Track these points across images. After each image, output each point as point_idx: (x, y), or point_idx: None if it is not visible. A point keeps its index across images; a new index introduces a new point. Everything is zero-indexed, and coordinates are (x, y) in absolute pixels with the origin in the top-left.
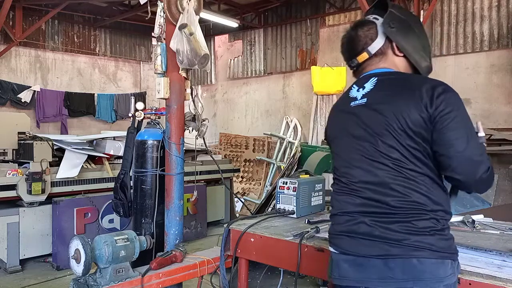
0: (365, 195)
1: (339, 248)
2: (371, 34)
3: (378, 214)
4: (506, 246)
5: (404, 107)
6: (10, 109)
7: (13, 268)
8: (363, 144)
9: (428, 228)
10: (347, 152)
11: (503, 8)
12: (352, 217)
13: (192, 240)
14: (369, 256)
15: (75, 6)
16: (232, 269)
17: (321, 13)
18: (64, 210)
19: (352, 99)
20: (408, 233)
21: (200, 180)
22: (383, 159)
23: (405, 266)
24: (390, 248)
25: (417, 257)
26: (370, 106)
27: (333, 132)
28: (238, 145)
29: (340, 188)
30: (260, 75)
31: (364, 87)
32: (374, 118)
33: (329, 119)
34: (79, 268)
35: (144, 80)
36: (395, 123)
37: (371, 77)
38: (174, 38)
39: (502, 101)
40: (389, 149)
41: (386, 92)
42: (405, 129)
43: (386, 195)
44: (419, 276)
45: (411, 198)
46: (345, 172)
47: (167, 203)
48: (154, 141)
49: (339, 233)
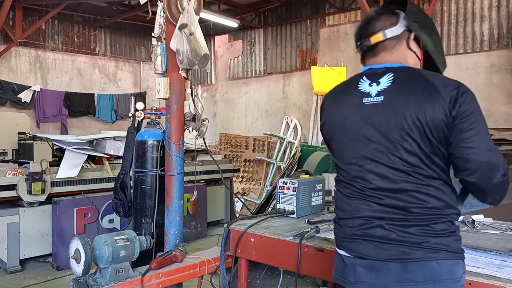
0: (384, 202)
1: (354, 252)
2: (392, 20)
3: (396, 219)
4: (506, 246)
5: (425, 110)
6: (10, 109)
7: (13, 268)
8: (380, 148)
9: (444, 231)
10: (358, 155)
11: (503, 8)
12: (368, 221)
13: (192, 240)
14: (387, 260)
15: (75, 6)
16: (232, 269)
17: (321, 13)
18: (64, 210)
19: (365, 94)
20: (426, 235)
21: (200, 180)
22: (401, 165)
23: (425, 268)
24: (410, 251)
25: (436, 259)
26: (387, 106)
27: (339, 129)
28: (238, 145)
29: (353, 193)
30: (260, 75)
31: (379, 83)
32: (392, 121)
33: (329, 112)
34: (79, 268)
35: (144, 80)
36: (416, 128)
37: (387, 71)
38: (174, 38)
39: (502, 101)
40: (407, 155)
41: (405, 92)
42: (427, 134)
43: (407, 202)
44: (439, 278)
45: (430, 204)
46: (358, 177)
47: (167, 203)
48: (154, 141)
49: (353, 236)
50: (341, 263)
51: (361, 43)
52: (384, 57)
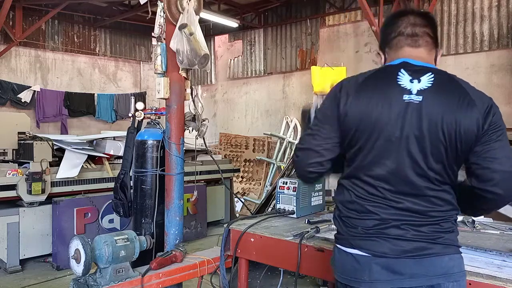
0: (402, 205)
1: (369, 251)
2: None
3: (412, 221)
4: (506, 246)
5: (461, 120)
6: (10, 109)
7: (13, 268)
8: (411, 150)
9: (450, 228)
10: (388, 156)
11: (503, 8)
12: (383, 222)
13: (192, 240)
14: (403, 257)
15: (75, 6)
16: (232, 269)
17: (321, 13)
18: (64, 210)
19: (405, 91)
20: (438, 232)
21: (200, 180)
22: (427, 171)
23: (440, 263)
24: (427, 246)
25: (448, 254)
26: (425, 109)
27: (373, 124)
28: (238, 145)
29: (370, 195)
30: (260, 75)
31: (420, 81)
32: (427, 126)
33: (359, 102)
34: (79, 268)
35: (144, 80)
36: (449, 136)
37: (427, 71)
38: (174, 38)
39: (502, 101)
40: (434, 162)
41: (443, 97)
42: (456, 143)
43: (425, 206)
44: (450, 271)
45: (443, 207)
46: (382, 178)
47: (167, 203)
48: (154, 141)
49: (368, 235)
50: (351, 262)
51: (403, 25)
52: (423, 52)
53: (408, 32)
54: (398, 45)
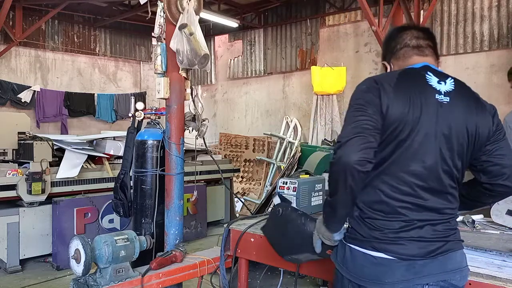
0: (427, 204)
1: (396, 254)
2: None
3: (430, 219)
4: (506, 246)
5: (478, 122)
6: (10, 109)
7: (13, 268)
8: (442, 148)
9: (456, 225)
10: (421, 150)
11: (503, 8)
12: (408, 224)
13: (192, 240)
14: (423, 258)
15: (75, 6)
16: (232, 269)
17: (321, 13)
18: (64, 210)
19: (436, 91)
20: (449, 230)
21: (200, 180)
22: (452, 167)
23: (454, 258)
24: (441, 245)
25: (459, 249)
26: (452, 110)
27: (413, 121)
28: (238, 145)
29: (401, 195)
30: (260, 75)
31: (446, 83)
32: (455, 125)
33: (391, 97)
34: (79, 268)
35: (144, 80)
36: (470, 136)
37: (448, 76)
38: (174, 38)
39: (502, 101)
40: (458, 160)
41: (464, 100)
42: (474, 143)
43: (442, 204)
44: (462, 266)
45: (454, 205)
46: (414, 172)
47: (167, 203)
48: (154, 141)
49: (394, 239)
50: (371, 264)
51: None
52: (432, 61)
53: (413, 44)
54: (406, 55)
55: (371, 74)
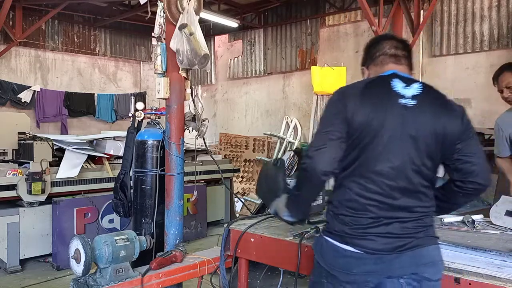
0: (397, 202)
1: (363, 249)
2: None
3: (400, 217)
4: (506, 246)
5: (447, 123)
6: (10, 109)
7: (13, 268)
8: (409, 148)
9: (430, 222)
10: (386, 151)
11: (503, 8)
12: (375, 220)
13: (192, 240)
14: (392, 252)
15: (75, 6)
16: (232, 269)
17: (321, 13)
18: (64, 210)
19: (400, 96)
20: (420, 226)
21: (200, 180)
22: (421, 166)
23: (424, 253)
24: (410, 241)
25: (430, 245)
26: (421, 111)
27: (377, 126)
28: (238, 145)
29: (369, 193)
30: (260, 75)
31: (412, 87)
32: (425, 125)
33: (357, 105)
34: (79, 268)
35: (144, 80)
36: (440, 136)
37: (416, 81)
38: (174, 38)
39: (502, 101)
40: (427, 157)
41: (432, 103)
42: (443, 142)
43: (413, 203)
44: (434, 260)
45: (427, 203)
46: (381, 172)
47: (167, 203)
48: (154, 141)
49: (363, 234)
50: (342, 256)
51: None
52: (405, 69)
53: (391, 53)
54: (384, 62)
55: None
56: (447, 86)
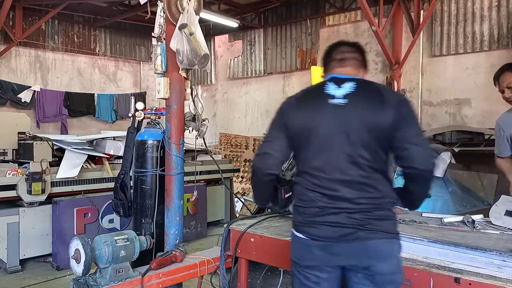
0: (338, 194)
1: (310, 236)
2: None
3: (347, 208)
4: (506, 246)
5: (378, 115)
6: (10, 109)
7: (13, 268)
8: (343, 143)
9: (383, 216)
10: (321, 148)
11: (503, 8)
12: (322, 210)
13: (192, 240)
14: (335, 240)
15: (75, 6)
16: (232, 269)
17: (321, 13)
18: (64, 210)
19: (330, 96)
20: (369, 219)
21: (200, 180)
22: (357, 157)
23: (365, 247)
24: (354, 232)
25: (374, 239)
26: (352, 108)
27: (303, 125)
28: (238, 145)
29: (312, 185)
30: (260, 75)
31: (344, 87)
32: (355, 120)
33: (293, 111)
34: (79, 268)
35: (144, 80)
36: (372, 128)
37: (351, 80)
38: (174, 38)
39: (502, 101)
40: (363, 150)
41: (364, 99)
42: (377, 133)
43: (355, 194)
44: (376, 255)
45: (373, 195)
46: (321, 169)
47: (167, 203)
48: (154, 141)
49: (310, 222)
50: (298, 244)
51: (335, 53)
52: (350, 70)
53: (338, 58)
54: (331, 67)
55: (371, 74)
56: (447, 86)
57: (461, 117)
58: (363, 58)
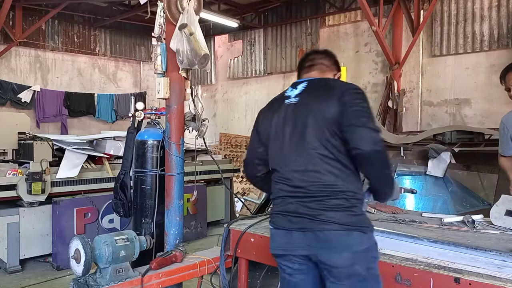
0: (293, 183)
1: (275, 225)
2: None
3: (301, 196)
4: (506, 246)
5: (327, 105)
6: (10, 109)
7: (13, 268)
8: (293, 137)
9: (337, 206)
10: (281, 144)
11: (503, 8)
12: (283, 200)
13: (192, 240)
14: (294, 230)
15: (75, 6)
16: (232, 269)
17: (321, 13)
18: (64, 210)
19: (286, 97)
20: (321, 209)
21: (200, 180)
22: (308, 148)
23: (316, 236)
24: (307, 222)
25: (324, 230)
26: (301, 105)
27: (268, 128)
28: (238, 145)
29: (277, 178)
30: (260, 75)
31: (297, 88)
32: (303, 113)
33: (262, 118)
34: (79, 268)
35: (144, 80)
36: (319, 119)
37: (305, 81)
38: (174, 38)
39: (502, 101)
40: (313, 140)
41: (313, 95)
42: (326, 122)
43: (306, 181)
44: (328, 245)
45: (325, 182)
46: (282, 163)
47: (167, 203)
48: (154, 141)
49: (276, 212)
50: (271, 235)
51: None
52: (314, 74)
53: (306, 65)
54: (301, 74)
55: (371, 74)
56: (447, 86)
57: (461, 117)
58: (332, 62)
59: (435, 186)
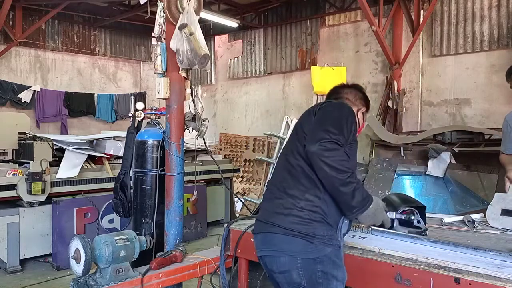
0: (273, 195)
1: (253, 229)
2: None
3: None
4: (506, 246)
5: (308, 122)
6: (10, 109)
7: (13, 268)
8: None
9: (284, 211)
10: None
11: (503, 8)
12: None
13: (192, 240)
14: (255, 232)
15: (75, 6)
16: (232, 269)
17: (321, 13)
18: (64, 210)
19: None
20: (272, 212)
21: (200, 180)
22: (286, 164)
23: (266, 238)
24: (262, 225)
25: (271, 232)
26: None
27: None
28: (238, 145)
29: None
30: (260, 75)
31: None
32: (296, 134)
33: None
34: (79, 268)
35: (144, 80)
36: (302, 136)
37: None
38: (174, 38)
39: (502, 101)
40: (293, 156)
41: (309, 115)
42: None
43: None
44: (269, 247)
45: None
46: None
47: (167, 203)
48: (154, 141)
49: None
50: None
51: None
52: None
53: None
54: None
55: (371, 74)
56: (447, 86)
57: (461, 117)
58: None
59: (435, 186)
